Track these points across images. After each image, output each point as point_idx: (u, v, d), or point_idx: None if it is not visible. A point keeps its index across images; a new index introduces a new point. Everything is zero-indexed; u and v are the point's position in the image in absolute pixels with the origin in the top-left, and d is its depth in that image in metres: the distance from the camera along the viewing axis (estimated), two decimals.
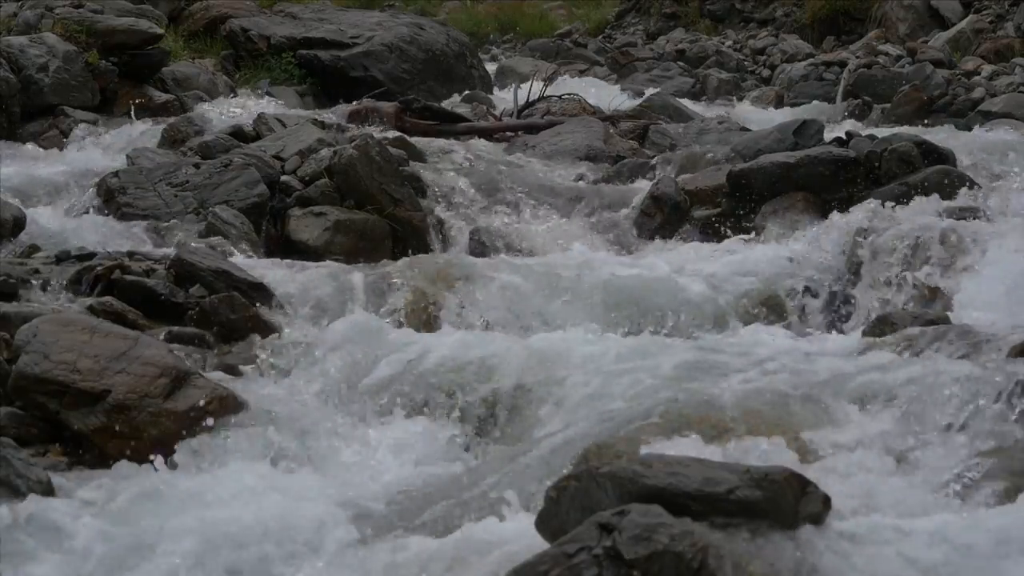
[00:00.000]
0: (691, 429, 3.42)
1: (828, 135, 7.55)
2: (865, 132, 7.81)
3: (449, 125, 9.27)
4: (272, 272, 5.24)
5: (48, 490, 3.30)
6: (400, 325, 4.91)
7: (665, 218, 6.74)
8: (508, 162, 8.29)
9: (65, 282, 4.77)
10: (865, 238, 5.35)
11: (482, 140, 9.05)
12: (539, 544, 2.55)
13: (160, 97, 9.44)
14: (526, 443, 3.67)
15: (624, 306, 5.18)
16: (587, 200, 7.17)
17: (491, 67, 15.84)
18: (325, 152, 6.71)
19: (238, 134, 7.58)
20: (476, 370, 4.22)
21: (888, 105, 12.21)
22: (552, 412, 3.88)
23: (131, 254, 5.21)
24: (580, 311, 5.11)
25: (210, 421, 3.80)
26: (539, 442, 3.59)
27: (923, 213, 5.89)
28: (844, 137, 7.07)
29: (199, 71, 10.58)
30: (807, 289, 5.33)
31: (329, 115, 8.97)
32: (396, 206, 6.46)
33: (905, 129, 9.01)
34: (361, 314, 5.01)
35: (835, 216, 6.11)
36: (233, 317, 4.56)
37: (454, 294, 5.16)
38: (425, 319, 5.03)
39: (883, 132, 7.70)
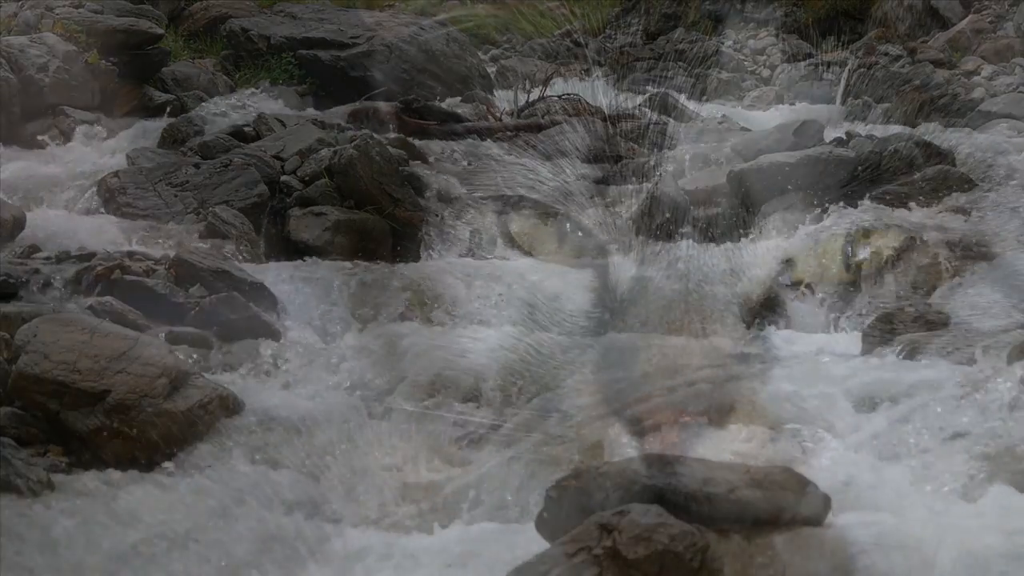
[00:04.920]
0: (692, 427, 3.42)
1: (828, 135, 7.54)
2: (865, 132, 7.81)
3: (449, 125, 9.26)
4: (271, 272, 5.24)
5: (48, 490, 3.30)
6: (398, 324, 4.91)
7: (665, 218, 6.74)
8: (508, 162, 8.28)
9: (65, 282, 4.76)
10: (865, 238, 5.35)
11: (482, 140, 9.03)
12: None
13: (160, 97, 9.44)
14: (522, 443, 3.67)
15: (622, 306, 5.18)
16: (587, 200, 7.16)
17: (491, 67, 15.81)
18: (325, 152, 6.70)
19: (238, 134, 7.56)
20: (476, 369, 4.22)
21: (888, 105, 12.20)
22: (548, 406, 3.88)
23: (131, 254, 5.21)
24: (578, 311, 5.11)
25: (210, 421, 3.80)
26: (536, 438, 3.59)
27: (923, 213, 5.89)
28: (844, 137, 7.06)
29: (199, 71, 10.57)
30: (806, 289, 5.33)
31: (329, 115, 8.97)
32: (396, 206, 6.46)
33: (905, 128, 9.01)
34: (360, 314, 5.02)
35: (835, 216, 6.12)
36: (233, 317, 4.56)
37: (452, 294, 5.16)
38: (423, 319, 5.03)
39: (883, 132, 7.70)
